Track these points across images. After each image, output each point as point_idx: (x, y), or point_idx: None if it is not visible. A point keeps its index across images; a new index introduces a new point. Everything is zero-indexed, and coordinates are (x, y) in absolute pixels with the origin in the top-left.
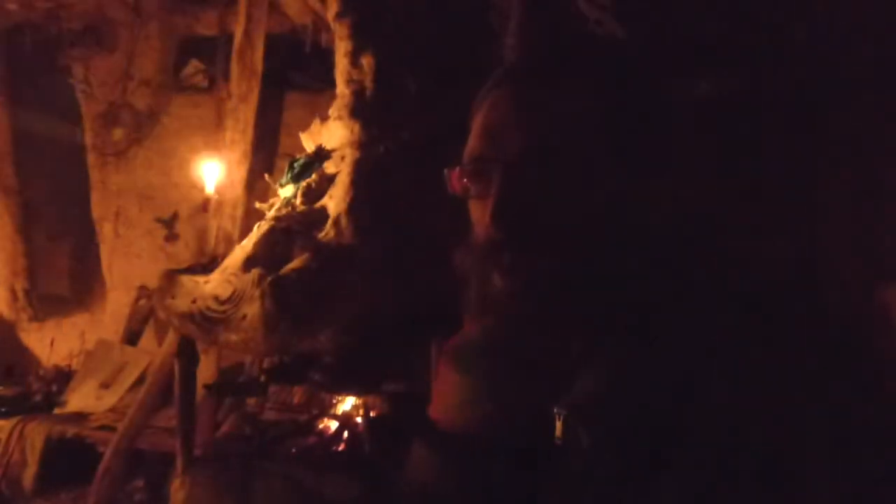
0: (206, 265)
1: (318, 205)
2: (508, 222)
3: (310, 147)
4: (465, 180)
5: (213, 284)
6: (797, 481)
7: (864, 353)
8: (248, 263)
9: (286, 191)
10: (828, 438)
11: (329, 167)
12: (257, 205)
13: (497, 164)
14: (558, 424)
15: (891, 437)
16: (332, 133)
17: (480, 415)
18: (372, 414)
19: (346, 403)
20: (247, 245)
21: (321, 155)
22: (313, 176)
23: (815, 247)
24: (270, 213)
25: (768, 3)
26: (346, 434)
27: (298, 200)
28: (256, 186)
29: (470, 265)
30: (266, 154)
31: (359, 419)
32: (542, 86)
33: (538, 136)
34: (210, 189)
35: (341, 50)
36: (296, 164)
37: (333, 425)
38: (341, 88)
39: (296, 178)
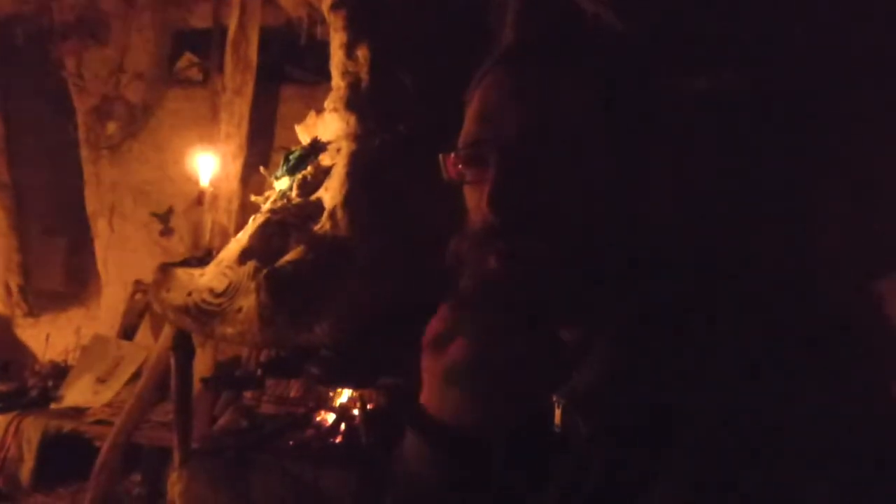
0: (202, 258)
1: (313, 197)
2: (506, 205)
3: (305, 139)
4: (460, 166)
5: (209, 277)
6: (795, 476)
7: (863, 349)
8: (244, 256)
9: (282, 183)
10: (826, 435)
11: (325, 159)
12: (253, 198)
13: (493, 147)
14: (557, 413)
15: (889, 435)
16: (328, 125)
17: (463, 403)
18: (369, 406)
19: (343, 396)
20: (242, 238)
21: (317, 147)
22: (309, 168)
23: (813, 240)
24: (266, 206)
25: (768, 1)
26: (343, 427)
27: (294, 193)
28: (252, 180)
29: (464, 252)
30: (261, 147)
31: (356, 412)
32: (538, 68)
33: (535, 118)
34: (205, 183)
35: (336, 42)
36: (291, 157)
37: (330, 418)
38: (337, 81)
39: (291, 171)
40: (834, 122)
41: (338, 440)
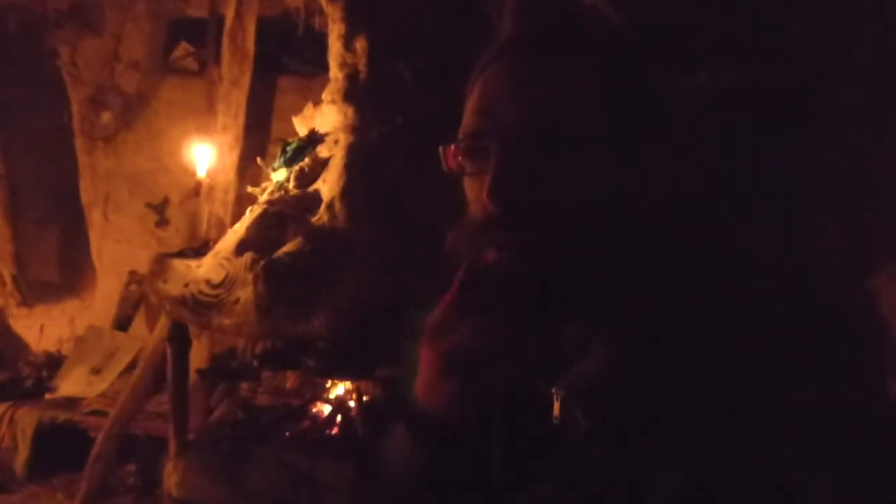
0: (198, 249)
1: (311, 189)
2: (507, 196)
3: (303, 131)
4: (460, 157)
5: (206, 268)
6: (795, 476)
7: (863, 348)
8: (241, 247)
9: (279, 175)
10: (826, 434)
11: (322, 151)
12: (249, 189)
13: (494, 139)
14: (556, 405)
15: (889, 435)
16: (326, 117)
17: (461, 392)
18: (365, 398)
19: (340, 388)
20: (239, 229)
21: (314, 139)
22: (306, 160)
23: (813, 240)
24: (263, 197)
25: None
26: (339, 418)
27: (291, 184)
28: (248, 171)
29: (462, 244)
30: (258, 138)
31: (352, 403)
32: (539, 60)
33: (534, 111)
34: (201, 173)
35: (334, 33)
36: (288, 148)
37: (327, 410)
38: (334, 72)
39: (288, 162)
40: (834, 122)
41: (334, 432)
